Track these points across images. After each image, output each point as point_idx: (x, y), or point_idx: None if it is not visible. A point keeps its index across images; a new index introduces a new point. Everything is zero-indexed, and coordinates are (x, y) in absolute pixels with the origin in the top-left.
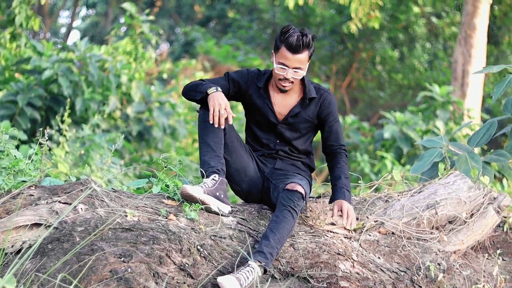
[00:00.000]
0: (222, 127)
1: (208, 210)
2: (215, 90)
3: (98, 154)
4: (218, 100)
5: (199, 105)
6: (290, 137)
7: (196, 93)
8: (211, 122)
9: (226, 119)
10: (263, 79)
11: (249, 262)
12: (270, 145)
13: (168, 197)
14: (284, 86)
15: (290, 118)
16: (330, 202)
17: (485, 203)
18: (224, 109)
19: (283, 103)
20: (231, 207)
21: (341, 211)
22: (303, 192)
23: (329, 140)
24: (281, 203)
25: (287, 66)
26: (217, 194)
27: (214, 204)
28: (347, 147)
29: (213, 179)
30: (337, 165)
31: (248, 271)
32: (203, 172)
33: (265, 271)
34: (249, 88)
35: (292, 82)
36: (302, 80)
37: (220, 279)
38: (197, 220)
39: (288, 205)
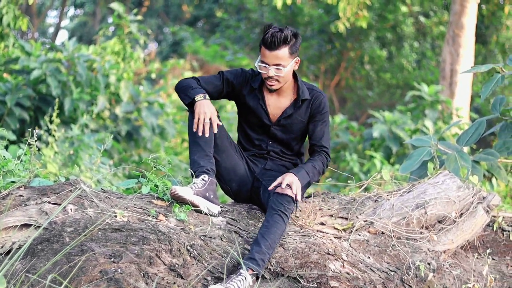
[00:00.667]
0: (207, 135)
1: (198, 211)
2: (202, 98)
3: (87, 154)
4: (204, 108)
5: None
6: (283, 138)
7: (185, 96)
8: (194, 130)
9: (211, 126)
10: (258, 80)
11: (241, 270)
12: (262, 146)
13: (158, 198)
14: (270, 85)
15: (283, 120)
16: None
17: (474, 203)
18: (210, 118)
19: (276, 105)
20: (221, 207)
21: (283, 182)
22: (293, 195)
23: (312, 138)
24: (271, 207)
25: (267, 63)
26: (207, 194)
27: (204, 205)
28: (336, 147)
29: (202, 179)
30: (310, 157)
31: (239, 281)
32: (193, 172)
33: (257, 279)
34: (243, 89)
35: (278, 81)
36: (296, 81)
37: None
38: (187, 221)
39: (278, 209)
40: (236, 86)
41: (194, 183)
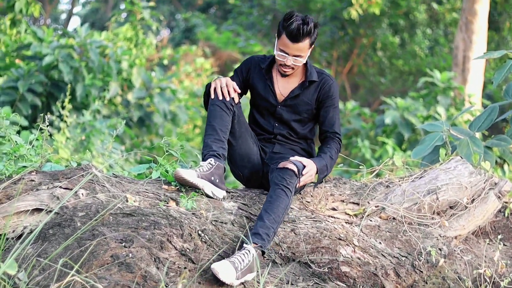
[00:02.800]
0: (227, 98)
1: (205, 195)
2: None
3: (98, 140)
4: (219, 79)
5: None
6: (289, 118)
7: (204, 95)
8: (212, 97)
9: (232, 98)
10: (267, 62)
11: (245, 245)
12: (268, 129)
13: (167, 183)
14: (284, 71)
15: (289, 100)
16: None
17: (486, 189)
18: (225, 84)
19: (284, 86)
20: (231, 192)
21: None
22: (295, 169)
23: (324, 125)
24: (273, 182)
25: (287, 53)
26: (212, 178)
27: (208, 189)
28: (348, 133)
29: (209, 163)
30: (326, 145)
31: (243, 254)
32: (203, 154)
33: (263, 253)
34: (253, 71)
35: (293, 68)
36: (305, 64)
37: (213, 265)
38: (196, 207)
39: (280, 183)
40: (247, 72)
41: (200, 166)
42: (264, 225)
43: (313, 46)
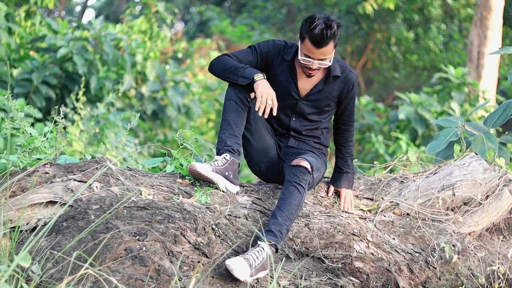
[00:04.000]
0: (266, 116)
1: (219, 189)
2: (262, 77)
3: (112, 133)
4: (266, 89)
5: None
6: (309, 113)
7: (237, 77)
8: (257, 110)
9: (271, 110)
10: (291, 53)
11: (258, 242)
12: (285, 122)
13: (182, 176)
14: (310, 73)
15: (312, 95)
16: (331, 180)
17: (500, 185)
18: (271, 100)
19: (307, 80)
20: (245, 186)
21: (340, 197)
22: (308, 166)
23: (344, 115)
24: (287, 179)
25: (311, 58)
26: (226, 174)
27: (222, 183)
28: (362, 128)
29: (224, 158)
30: (346, 143)
31: (257, 251)
32: (217, 149)
33: (276, 250)
34: (274, 60)
35: (318, 69)
36: None
37: (228, 262)
38: (210, 202)
39: (293, 180)
40: (269, 58)
41: (216, 160)
42: (277, 222)
43: (336, 46)
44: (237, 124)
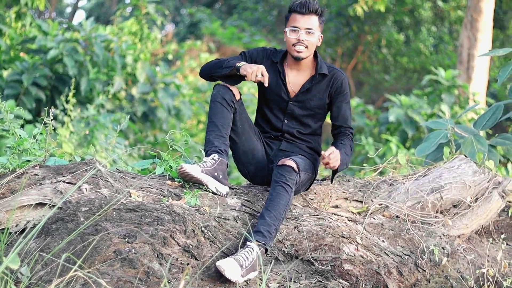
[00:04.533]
0: (266, 84)
1: (209, 191)
2: (244, 63)
3: (102, 134)
4: (253, 66)
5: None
6: (300, 114)
7: (222, 69)
8: (250, 79)
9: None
10: (279, 56)
11: (248, 243)
12: (277, 125)
13: (171, 178)
14: (299, 52)
15: (301, 95)
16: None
17: (489, 188)
18: (261, 73)
19: (295, 81)
20: (235, 188)
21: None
22: (294, 165)
23: (337, 120)
24: (273, 180)
25: (298, 27)
26: (215, 174)
27: (212, 184)
28: None
29: (212, 158)
30: (340, 141)
31: (247, 252)
32: (205, 151)
33: (266, 250)
34: (264, 64)
35: (307, 47)
36: (316, 57)
37: (219, 263)
38: (200, 204)
39: (280, 180)
40: (258, 62)
41: (204, 161)
42: (265, 223)
43: (322, 29)
44: (223, 125)
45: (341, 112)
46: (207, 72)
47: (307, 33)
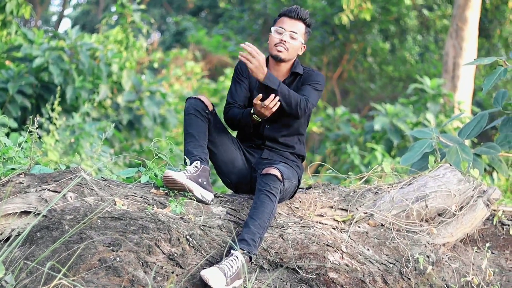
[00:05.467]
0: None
1: (193, 198)
2: (252, 111)
3: (88, 143)
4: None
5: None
6: (281, 115)
7: (244, 126)
8: (268, 103)
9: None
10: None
11: (232, 251)
12: (259, 131)
13: (156, 187)
14: (279, 51)
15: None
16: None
17: (474, 196)
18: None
19: None
20: (219, 197)
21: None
22: (278, 174)
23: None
24: (258, 188)
25: (283, 28)
26: (199, 180)
27: (197, 191)
28: (337, 139)
29: (195, 166)
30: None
31: (231, 260)
32: (188, 160)
33: (250, 259)
34: (248, 73)
35: (287, 50)
36: (294, 63)
37: (203, 272)
38: (185, 212)
39: (264, 189)
40: (244, 73)
41: (187, 169)
42: (250, 231)
43: (306, 40)
44: (200, 135)
45: (304, 91)
46: (239, 125)
47: (291, 36)
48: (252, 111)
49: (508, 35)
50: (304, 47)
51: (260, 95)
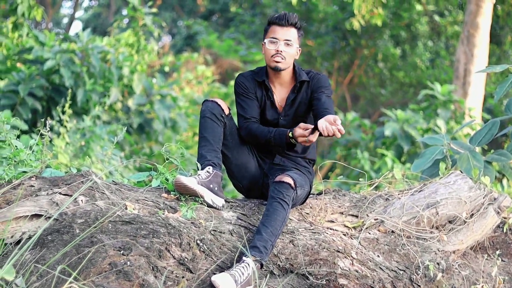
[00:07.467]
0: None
1: (204, 203)
2: (290, 131)
3: (98, 146)
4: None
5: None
6: (292, 125)
7: (280, 142)
8: (328, 133)
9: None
10: (261, 74)
11: (244, 258)
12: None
13: (167, 191)
14: (277, 62)
15: (287, 107)
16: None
17: (485, 204)
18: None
19: (279, 95)
20: (231, 202)
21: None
22: (291, 182)
23: (318, 110)
24: (270, 196)
25: (277, 38)
26: (211, 186)
27: (208, 196)
28: (348, 144)
29: (207, 171)
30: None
31: (243, 267)
32: (199, 165)
33: (261, 266)
34: (252, 88)
35: (285, 59)
36: (294, 68)
37: (214, 278)
38: (196, 217)
39: (277, 197)
40: (250, 88)
41: (199, 174)
42: (262, 238)
43: (300, 43)
44: (214, 139)
45: (321, 101)
46: (274, 144)
47: (285, 44)
48: (290, 134)
49: None
50: (300, 50)
51: (310, 126)
